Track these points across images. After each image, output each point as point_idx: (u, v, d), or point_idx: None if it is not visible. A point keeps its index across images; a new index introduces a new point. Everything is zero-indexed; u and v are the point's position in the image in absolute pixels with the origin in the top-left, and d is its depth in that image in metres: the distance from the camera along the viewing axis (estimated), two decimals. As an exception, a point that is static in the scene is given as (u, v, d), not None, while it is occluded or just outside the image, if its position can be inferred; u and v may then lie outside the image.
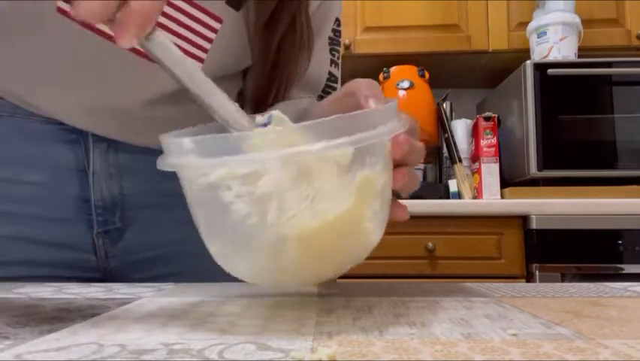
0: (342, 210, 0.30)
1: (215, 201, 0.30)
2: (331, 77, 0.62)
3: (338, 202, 0.30)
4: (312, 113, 0.47)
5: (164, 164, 0.31)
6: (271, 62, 0.55)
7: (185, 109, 0.55)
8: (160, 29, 0.31)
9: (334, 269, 0.35)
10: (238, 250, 0.32)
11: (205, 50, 0.53)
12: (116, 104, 0.54)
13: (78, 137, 0.55)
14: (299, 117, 0.47)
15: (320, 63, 0.60)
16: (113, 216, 0.56)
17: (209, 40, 0.52)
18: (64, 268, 0.55)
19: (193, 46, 0.52)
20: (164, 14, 0.49)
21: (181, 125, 0.61)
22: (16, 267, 0.53)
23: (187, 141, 0.29)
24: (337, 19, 0.63)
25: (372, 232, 0.34)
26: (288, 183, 0.28)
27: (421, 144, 0.39)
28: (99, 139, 0.55)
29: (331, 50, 0.62)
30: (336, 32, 0.63)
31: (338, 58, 0.64)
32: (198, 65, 0.52)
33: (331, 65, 0.62)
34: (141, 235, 0.58)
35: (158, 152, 0.63)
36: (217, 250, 0.33)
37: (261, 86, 0.57)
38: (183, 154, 0.29)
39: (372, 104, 0.36)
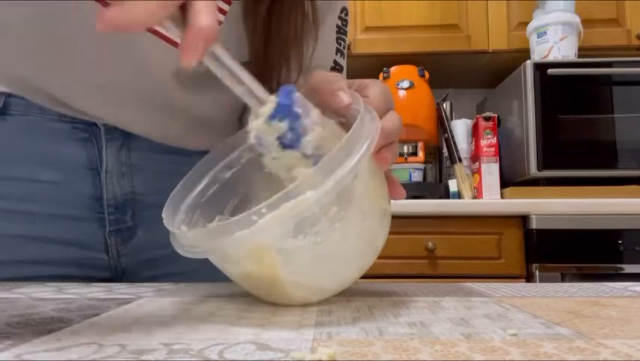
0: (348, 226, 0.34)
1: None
2: (337, 66, 0.62)
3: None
4: None
5: (185, 250, 0.34)
6: (264, 41, 0.53)
7: (201, 96, 0.55)
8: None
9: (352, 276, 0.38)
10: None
11: None
12: (138, 89, 0.53)
13: (90, 135, 0.54)
14: None
15: (325, 50, 0.60)
16: (124, 214, 0.56)
17: (218, 23, 0.52)
18: (75, 267, 0.55)
19: None
20: None
21: (195, 114, 0.60)
22: (27, 266, 0.53)
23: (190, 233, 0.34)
24: (344, 8, 0.62)
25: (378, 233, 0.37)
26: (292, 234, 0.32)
27: (394, 120, 0.39)
28: (112, 137, 0.55)
29: (337, 39, 0.61)
30: (343, 21, 0.62)
31: (344, 47, 0.63)
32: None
33: (337, 54, 0.61)
34: (152, 234, 0.57)
35: (170, 149, 0.63)
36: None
37: (257, 70, 0.56)
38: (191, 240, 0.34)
39: (342, 98, 0.38)
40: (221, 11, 0.51)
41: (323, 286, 0.36)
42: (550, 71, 1.69)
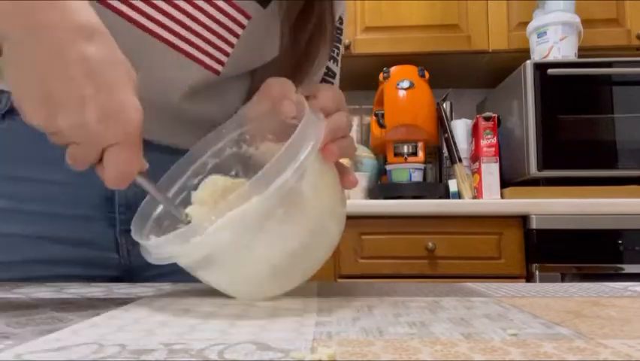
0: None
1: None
2: (329, 72, 0.64)
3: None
4: (246, 115, 0.50)
5: (153, 259, 0.38)
6: (297, 59, 0.56)
7: (211, 104, 0.56)
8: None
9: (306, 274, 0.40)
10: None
11: (231, 45, 0.54)
12: (154, 101, 0.53)
13: None
14: (238, 120, 0.50)
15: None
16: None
17: (236, 36, 0.53)
18: (86, 267, 0.55)
19: (219, 39, 0.53)
20: (194, 5, 0.50)
21: (206, 119, 0.62)
22: (37, 266, 0.53)
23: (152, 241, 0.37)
24: (340, 18, 0.64)
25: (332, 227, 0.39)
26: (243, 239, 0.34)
27: (342, 117, 0.42)
28: None
29: (330, 46, 0.63)
30: (338, 30, 0.64)
31: (337, 54, 0.65)
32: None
33: (329, 60, 0.64)
34: None
35: (181, 151, 0.64)
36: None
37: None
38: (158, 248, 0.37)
39: (287, 108, 0.42)
40: (241, 25, 0.53)
41: (272, 284, 0.38)
42: (550, 71, 1.69)
